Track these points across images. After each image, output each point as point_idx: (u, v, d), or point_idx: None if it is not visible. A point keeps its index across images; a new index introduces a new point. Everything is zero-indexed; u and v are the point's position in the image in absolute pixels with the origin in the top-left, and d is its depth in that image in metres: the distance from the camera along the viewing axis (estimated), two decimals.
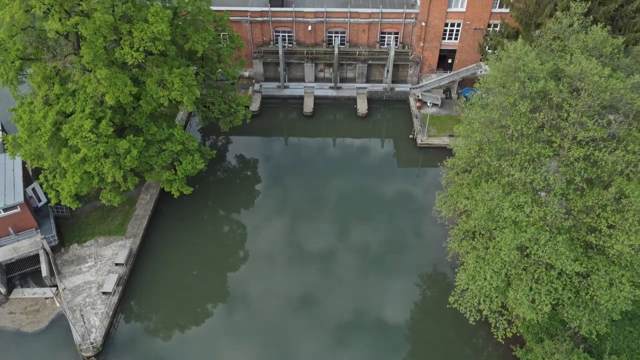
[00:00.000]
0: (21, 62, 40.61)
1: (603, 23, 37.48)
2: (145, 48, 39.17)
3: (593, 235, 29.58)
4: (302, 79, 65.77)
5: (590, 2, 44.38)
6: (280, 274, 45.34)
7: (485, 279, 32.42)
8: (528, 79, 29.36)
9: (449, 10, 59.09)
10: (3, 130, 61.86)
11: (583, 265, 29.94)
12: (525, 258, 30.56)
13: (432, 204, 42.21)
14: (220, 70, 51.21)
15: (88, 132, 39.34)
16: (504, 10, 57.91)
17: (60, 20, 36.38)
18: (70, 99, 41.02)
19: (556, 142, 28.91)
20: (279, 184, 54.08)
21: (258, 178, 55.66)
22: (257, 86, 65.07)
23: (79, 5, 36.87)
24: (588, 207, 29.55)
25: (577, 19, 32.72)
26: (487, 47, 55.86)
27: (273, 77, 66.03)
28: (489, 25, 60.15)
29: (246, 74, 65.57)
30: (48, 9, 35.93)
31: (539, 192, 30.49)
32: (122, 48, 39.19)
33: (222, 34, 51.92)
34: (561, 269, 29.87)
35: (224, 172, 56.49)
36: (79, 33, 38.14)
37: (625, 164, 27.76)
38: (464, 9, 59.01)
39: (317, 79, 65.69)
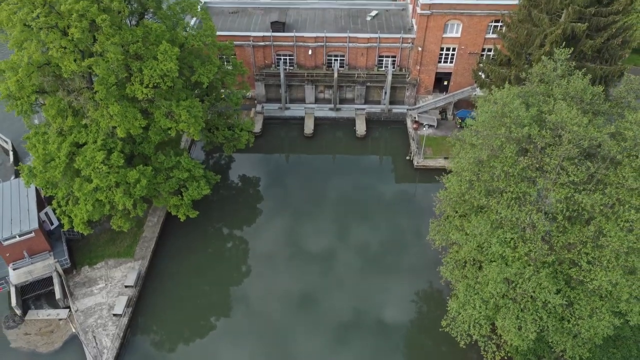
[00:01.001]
0: (36, 96, 42.77)
1: (590, 57, 39.65)
2: (155, 84, 41.31)
3: (574, 269, 31.76)
4: (302, 100, 67.95)
5: (579, 36, 46.92)
6: (284, 288, 47.82)
7: (474, 307, 34.64)
8: (514, 124, 31.54)
9: (444, 35, 61.29)
10: (14, 150, 64.21)
11: (565, 297, 32.13)
12: (512, 290, 32.71)
13: (428, 227, 44.46)
14: (224, 91, 53.55)
15: (100, 164, 41.50)
16: (497, 36, 60.09)
17: (75, 60, 38.53)
18: (82, 130, 43.25)
19: (540, 184, 31.11)
20: (280, 203, 56.31)
21: (260, 197, 57.88)
22: (259, 107, 67.25)
23: (93, 45, 39.04)
24: (570, 243, 31.72)
25: (561, 65, 34.87)
26: (480, 73, 57.98)
27: (275, 98, 68.22)
28: (483, 50, 62.39)
29: (249, 94, 67.70)
30: (64, 51, 37.97)
31: (525, 229, 32.63)
32: (133, 84, 41.34)
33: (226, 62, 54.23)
34: (545, 301, 32.06)
35: (228, 191, 58.65)
36: (92, 71, 40.24)
37: (603, 206, 29.93)
38: (458, 35, 61.22)
39: (317, 100, 67.88)
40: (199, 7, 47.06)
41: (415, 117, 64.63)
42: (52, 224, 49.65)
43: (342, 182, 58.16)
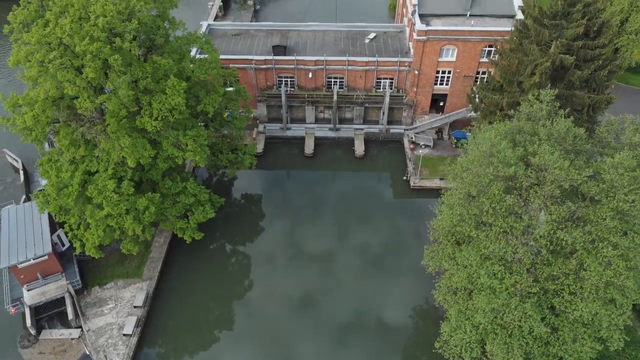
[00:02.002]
0: (50, 127, 44.98)
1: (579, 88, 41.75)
2: (163, 117, 43.51)
3: (557, 299, 34.00)
4: (303, 120, 70.16)
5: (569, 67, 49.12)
6: (288, 303, 50.60)
7: (465, 332, 36.90)
8: (501, 163, 33.74)
9: (440, 59, 63.49)
10: (24, 169, 66.38)
11: (549, 324, 34.37)
12: (500, 318, 34.93)
13: (424, 243, 46.89)
14: (227, 116, 55.79)
15: (111, 192, 43.72)
16: (492, 58, 62.21)
17: (88, 97, 40.73)
18: (94, 159, 45.47)
19: (525, 220, 33.33)
20: (281, 222, 58.73)
21: (262, 215, 60.24)
22: (261, 127, 69.45)
23: (105, 82, 41.25)
24: (553, 275, 33.94)
25: (546, 105, 37.06)
26: (474, 97, 60.10)
27: (276, 117, 70.42)
28: (477, 73, 64.62)
29: (252, 115, 69.87)
30: (78, 89, 40.19)
31: (512, 262, 34.84)
32: (143, 117, 43.52)
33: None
34: (530, 328, 34.30)
35: (231, 209, 60.79)
36: (105, 106, 42.44)
37: (583, 243, 32.12)
38: (454, 59, 63.42)
39: (317, 120, 70.09)
40: (203, 39, 49.23)
41: (412, 138, 66.85)
42: (63, 245, 51.86)
43: (341, 203, 60.38)
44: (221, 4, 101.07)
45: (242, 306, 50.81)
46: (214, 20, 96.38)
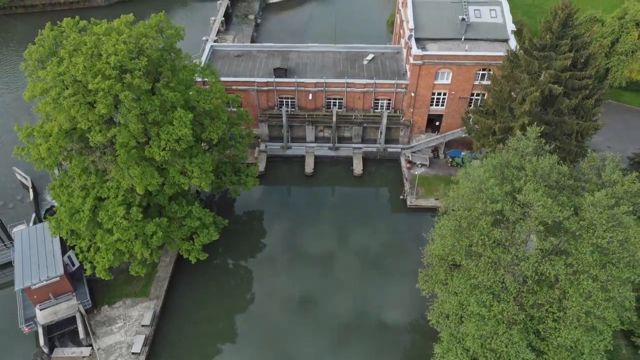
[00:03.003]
0: (62, 156, 47.24)
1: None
2: (171, 148, 45.73)
3: (542, 326, 36.28)
4: (303, 138, 72.40)
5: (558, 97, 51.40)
6: (291, 316, 53.32)
7: (456, 355, 39.14)
8: (489, 199, 35.99)
9: (435, 82, 65.77)
10: (34, 187, 68.59)
11: (536, 350, 36.65)
12: (489, 344, 37.19)
13: (418, 267, 49.15)
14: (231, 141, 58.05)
15: (121, 219, 45.97)
16: (485, 82, 64.58)
17: (100, 130, 43.00)
18: (104, 185, 47.73)
19: (512, 252, 35.60)
20: (281, 239, 61.23)
21: (264, 233, 62.71)
22: (262, 146, 71.70)
23: (116, 116, 43.51)
24: (538, 303, 36.20)
25: (532, 142, 39.32)
26: (469, 119, 62.36)
27: (277, 136, 72.65)
28: (472, 95, 66.86)
29: (253, 135, 72.13)
30: (91, 124, 42.45)
31: (499, 292, 37.10)
32: (151, 147, 45.75)
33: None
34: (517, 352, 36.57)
35: (234, 225, 62.70)
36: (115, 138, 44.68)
37: (566, 274, 34.39)
38: (449, 82, 65.68)
39: (317, 139, 72.34)
40: (207, 69, 51.49)
41: (408, 157, 69.09)
42: (73, 265, 54.05)
43: (340, 222, 62.62)
44: (223, 18, 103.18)
45: (246, 322, 53.14)
46: (216, 35, 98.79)
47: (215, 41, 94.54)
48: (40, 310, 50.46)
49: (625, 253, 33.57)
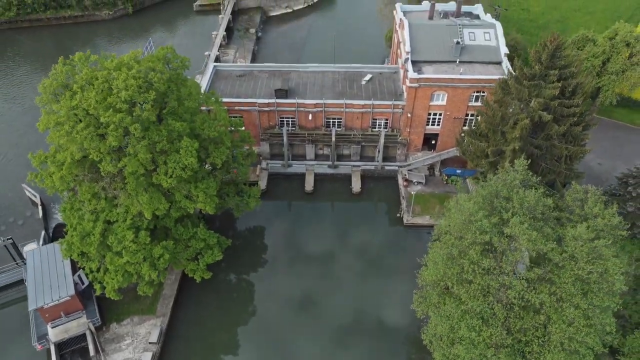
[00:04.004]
0: (74, 183, 49.51)
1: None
2: (177, 175, 48.00)
3: (528, 349, 38.62)
4: (304, 156, 74.70)
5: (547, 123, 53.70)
6: (294, 328, 56.02)
7: None
8: (478, 230, 38.30)
9: (431, 103, 68.04)
10: (42, 204, 70.81)
11: None
12: None
13: (414, 284, 51.52)
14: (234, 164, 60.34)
15: (130, 242, 48.27)
16: (479, 103, 66.86)
17: (111, 161, 45.30)
18: (114, 210, 50.03)
19: (499, 281, 37.93)
20: (282, 256, 63.64)
21: (265, 248, 65.23)
22: (264, 164, 73.99)
23: (126, 147, 45.81)
24: (524, 328, 38.53)
25: (520, 175, 41.64)
26: (463, 140, 64.63)
27: (278, 153, 74.93)
28: (466, 115, 69.13)
29: (255, 150, 74.42)
30: (102, 156, 44.75)
31: (488, 319, 39.42)
32: (159, 174, 48.04)
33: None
34: None
35: (236, 240, 65.09)
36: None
37: (550, 302, 36.71)
38: (444, 103, 67.96)
39: (317, 156, 74.64)
40: (213, 98, 53.81)
41: (405, 175, 71.38)
42: (83, 284, 56.29)
43: (339, 239, 65.04)
44: (225, 33, 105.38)
45: (250, 336, 55.56)
46: (218, 49, 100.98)
47: (217, 56, 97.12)
48: (52, 328, 52.73)
49: (605, 283, 35.89)
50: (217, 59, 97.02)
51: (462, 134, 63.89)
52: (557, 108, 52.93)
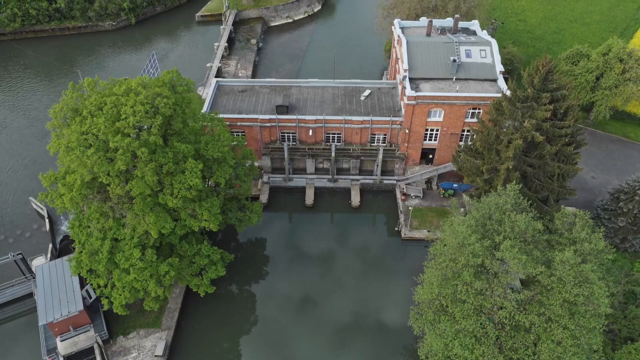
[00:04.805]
0: (83, 203, 51.32)
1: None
2: (183, 195, 49.80)
3: None
4: (304, 169, 76.51)
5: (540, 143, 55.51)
6: (297, 338, 58.15)
7: None
8: (471, 254, 40.15)
9: (428, 120, 69.88)
10: (49, 217, 72.60)
11: None
12: None
13: (411, 296, 53.36)
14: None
15: (137, 260, 50.08)
16: (475, 119, 68.69)
17: (119, 184, 47.11)
18: (121, 228, 51.83)
19: (490, 303, 39.79)
20: (284, 269, 65.53)
21: (267, 261, 67.01)
22: (265, 178, 75.81)
23: (134, 170, 47.63)
24: (515, 346, 40.39)
25: (511, 199, 43.47)
26: (459, 157, 66.44)
27: (279, 167, 76.74)
28: (462, 131, 70.94)
29: (257, 164, 76.24)
30: (111, 179, 46.56)
31: (481, 337, 41.29)
32: (165, 194, 49.84)
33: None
34: None
35: (239, 255, 67.03)
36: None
37: (539, 322, 38.58)
38: (441, 119, 69.79)
39: (317, 170, 76.46)
40: (216, 120, 55.64)
41: (403, 189, 73.21)
42: (90, 297, 58.12)
43: (337, 253, 66.91)
44: (226, 44, 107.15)
45: (254, 347, 57.45)
46: (220, 61, 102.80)
47: (219, 67, 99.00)
48: (61, 341, 54.56)
49: (591, 306, 37.74)
50: (218, 71, 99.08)
51: (459, 151, 65.67)
52: (549, 129, 54.71)
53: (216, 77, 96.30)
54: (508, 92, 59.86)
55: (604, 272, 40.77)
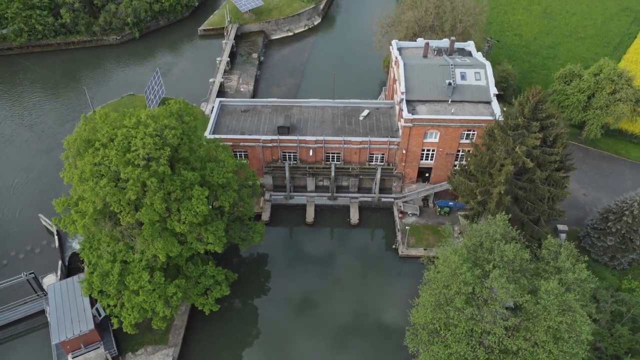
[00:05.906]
0: (94, 228, 53.82)
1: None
2: (189, 221, 52.32)
3: None
4: (304, 187, 79.03)
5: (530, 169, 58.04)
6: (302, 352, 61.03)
7: None
8: (462, 282, 42.71)
9: (424, 141, 72.40)
10: (58, 233, 75.02)
11: None
12: None
13: (407, 312, 55.84)
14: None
15: (146, 282, 52.61)
16: (469, 140, 71.17)
17: (129, 212, 49.61)
18: (130, 251, 54.37)
19: (480, 328, 42.37)
20: (286, 284, 68.12)
21: (269, 277, 69.68)
22: (267, 195, 78.32)
23: (143, 198, 50.15)
24: None
25: (500, 229, 46.03)
26: (454, 178, 68.98)
27: (281, 185, 79.23)
28: (458, 151, 73.45)
29: (258, 182, 78.73)
30: (122, 208, 49.09)
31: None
32: (172, 220, 52.35)
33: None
34: None
35: (242, 271, 69.39)
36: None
37: (526, 346, 41.16)
38: (437, 140, 72.31)
39: (317, 188, 78.97)
40: (221, 148, 58.19)
41: (400, 207, 75.74)
42: (100, 315, 60.62)
43: (337, 270, 69.52)
44: (228, 59, 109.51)
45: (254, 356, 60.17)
46: (223, 76, 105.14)
47: (221, 82, 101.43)
48: (73, 358, 57.09)
49: (573, 333, 40.31)
50: (221, 86, 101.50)
51: (454, 172, 68.17)
52: (539, 156, 57.21)
53: (219, 91, 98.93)
54: (501, 118, 62.33)
55: (586, 300, 43.32)
